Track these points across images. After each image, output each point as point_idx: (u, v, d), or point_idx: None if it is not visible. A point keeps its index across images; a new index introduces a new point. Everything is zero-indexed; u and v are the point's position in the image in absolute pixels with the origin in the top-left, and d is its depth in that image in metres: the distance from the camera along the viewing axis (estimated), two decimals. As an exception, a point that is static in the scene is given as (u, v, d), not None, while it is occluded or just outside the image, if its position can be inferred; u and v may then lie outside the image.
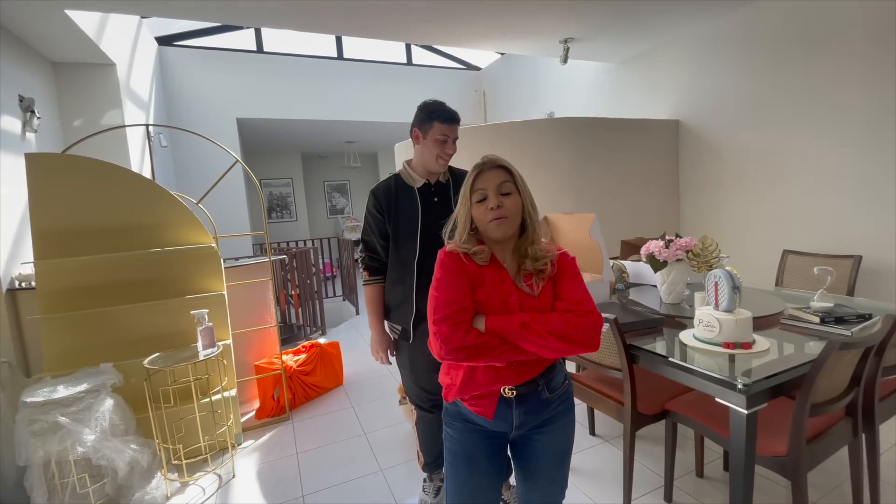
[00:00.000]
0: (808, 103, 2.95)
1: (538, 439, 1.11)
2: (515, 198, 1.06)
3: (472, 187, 1.07)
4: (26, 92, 2.98)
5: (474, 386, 1.06)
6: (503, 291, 1.05)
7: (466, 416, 1.10)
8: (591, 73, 4.80)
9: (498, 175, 1.06)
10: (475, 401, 1.07)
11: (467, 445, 1.11)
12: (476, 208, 1.07)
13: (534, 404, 1.08)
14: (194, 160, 5.29)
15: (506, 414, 1.07)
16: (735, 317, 1.45)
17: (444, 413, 1.16)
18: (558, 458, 1.14)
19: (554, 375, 1.10)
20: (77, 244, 2.28)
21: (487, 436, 1.10)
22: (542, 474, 1.14)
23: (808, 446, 1.40)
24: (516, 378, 1.05)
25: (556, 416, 1.11)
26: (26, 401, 1.84)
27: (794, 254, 2.77)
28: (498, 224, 1.04)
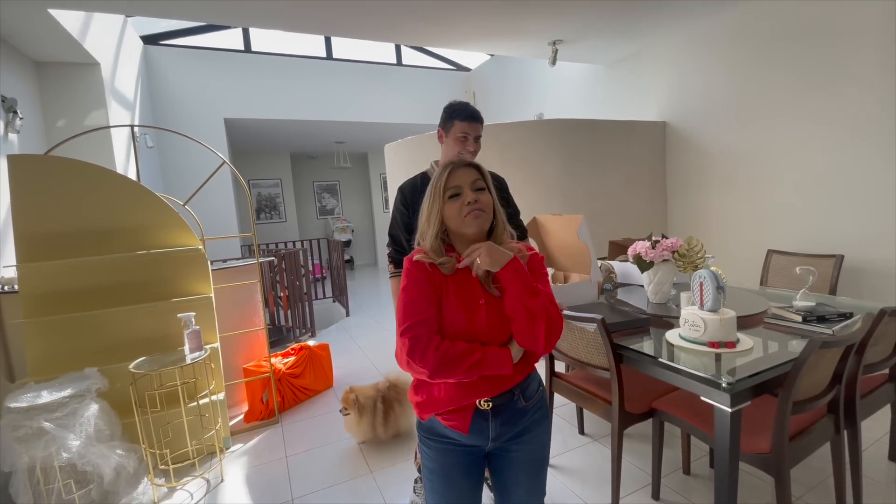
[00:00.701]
0: (792, 104, 3.00)
1: (515, 450, 1.09)
2: (487, 195, 1.06)
3: (444, 185, 1.04)
4: (8, 92, 2.94)
5: (448, 401, 1.03)
6: (470, 297, 1.03)
7: (441, 433, 1.07)
8: (580, 75, 4.84)
9: (470, 173, 1.05)
10: (449, 415, 1.04)
11: (443, 463, 1.08)
12: (449, 205, 1.04)
13: (510, 415, 1.06)
14: (181, 161, 5.23)
15: (482, 427, 1.04)
16: (720, 316, 1.48)
17: (419, 429, 1.13)
18: (536, 467, 1.12)
19: (529, 383, 1.09)
20: (61, 247, 2.24)
21: (463, 452, 1.08)
22: (519, 485, 1.11)
23: (791, 443, 1.43)
24: (492, 390, 1.02)
25: (532, 425, 1.09)
26: (10, 406, 1.80)
27: (778, 253, 2.82)
28: (475, 217, 1.02)
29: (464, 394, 1.01)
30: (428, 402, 1.05)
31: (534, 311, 0.97)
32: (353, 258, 10.01)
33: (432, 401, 1.04)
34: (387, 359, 3.77)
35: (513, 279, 1.00)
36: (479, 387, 1.01)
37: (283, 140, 7.60)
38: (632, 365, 1.63)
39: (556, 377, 2.08)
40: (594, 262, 2.20)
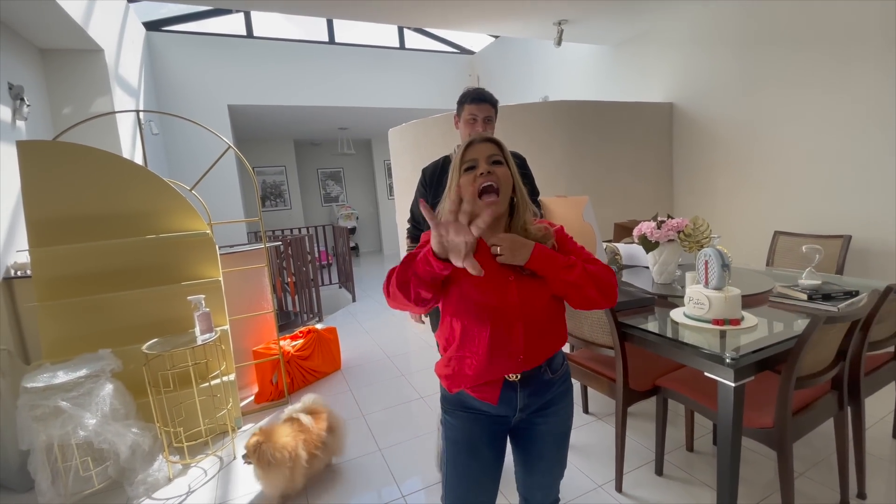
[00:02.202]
0: (800, 85, 2.96)
1: (540, 423, 1.09)
2: (505, 169, 1.02)
3: (462, 157, 1.02)
4: (15, 79, 2.94)
5: (477, 376, 1.02)
6: (498, 274, 1.00)
7: (468, 404, 1.07)
8: (586, 56, 4.77)
9: (488, 147, 1.03)
10: (479, 388, 1.04)
11: (469, 433, 1.08)
12: (464, 178, 1.01)
13: (537, 386, 1.06)
14: (186, 148, 5.24)
15: (510, 397, 1.04)
16: (724, 294, 1.48)
17: (444, 401, 1.12)
18: (560, 440, 1.13)
19: (555, 357, 1.09)
20: (72, 231, 2.27)
21: (491, 421, 1.08)
22: (543, 458, 1.12)
23: (794, 418, 1.44)
24: (524, 366, 1.02)
25: (557, 398, 1.10)
26: (27, 386, 1.85)
27: (785, 235, 2.81)
28: (487, 203, 0.97)
29: (496, 369, 1.01)
30: (457, 376, 1.04)
31: (577, 283, 0.98)
32: (358, 245, 10.04)
33: (462, 376, 1.04)
34: (393, 342, 3.81)
35: (543, 266, 0.98)
36: (513, 365, 1.01)
37: (287, 127, 7.58)
38: (636, 343, 1.65)
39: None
40: (599, 244, 2.20)
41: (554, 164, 3.49)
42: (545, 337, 1.04)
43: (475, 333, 1.00)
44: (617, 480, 1.81)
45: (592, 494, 1.80)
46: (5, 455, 2.06)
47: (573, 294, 1.00)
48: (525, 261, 0.98)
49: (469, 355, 1.02)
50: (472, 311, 1.00)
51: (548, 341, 1.05)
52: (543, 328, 1.03)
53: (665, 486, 1.82)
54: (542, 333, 1.03)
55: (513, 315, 0.99)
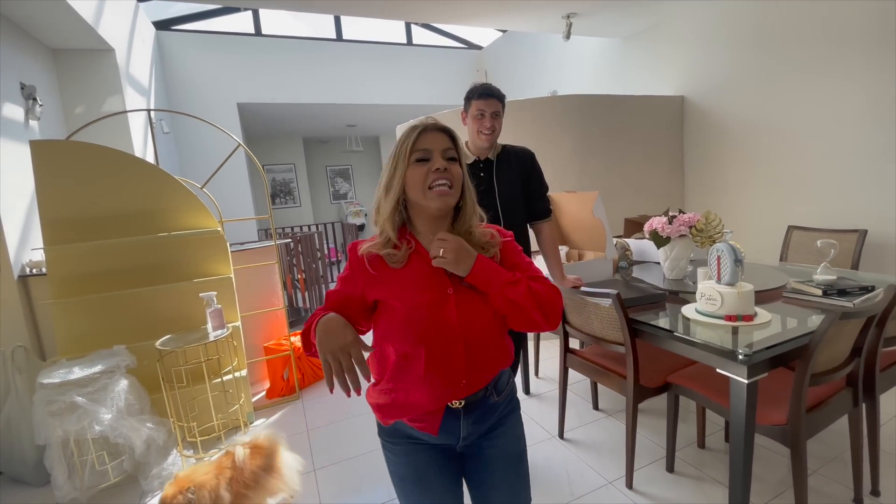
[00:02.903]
0: (815, 76, 2.90)
1: (489, 446, 0.99)
2: (458, 168, 0.93)
3: (412, 146, 0.90)
4: (27, 79, 2.98)
5: (417, 406, 0.92)
6: (434, 288, 0.90)
7: (407, 433, 0.96)
8: (595, 50, 4.72)
9: (443, 139, 0.92)
10: (417, 419, 0.94)
11: (414, 466, 0.97)
12: (415, 169, 0.90)
13: (482, 411, 0.96)
14: (196, 146, 5.29)
15: (452, 426, 0.94)
16: (737, 290, 1.47)
17: (381, 434, 1.01)
18: (515, 462, 1.02)
19: (500, 376, 1.00)
20: (85, 230, 2.30)
21: (434, 450, 0.98)
22: (500, 486, 1.00)
23: (808, 415, 1.42)
24: (467, 390, 0.92)
25: (503, 419, 1.00)
26: (43, 382, 1.89)
27: (799, 229, 2.77)
28: (440, 193, 0.89)
29: (436, 397, 0.91)
30: (392, 407, 0.94)
31: (519, 301, 0.89)
32: (365, 240, 10.07)
33: (397, 406, 0.93)
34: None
35: (486, 280, 0.89)
36: (455, 390, 0.92)
37: (296, 125, 7.61)
38: (647, 340, 1.63)
39: (571, 353, 2.09)
40: (609, 239, 2.19)
41: (563, 159, 3.46)
42: (489, 356, 0.95)
43: (411, 358, 0.90)
44: (627, 477, 1.80)
45: (602, 491, 1.80)
46: (22, 450, 2.10)
47: (514, 314, 0.91)
48: (466, 272, 0.88)
49: (405, 385, 0.92)
50: (405, 331, 0.90)
51: (492, 361, 0.95)
52: (487, 347, 0.94)
53: (676, 482, 1.81)
54: (486, 352, 0.94)
55: (452, 334, 0.89)
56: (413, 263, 0.92)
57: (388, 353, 0.93)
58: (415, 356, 0.90)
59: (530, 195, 1.82)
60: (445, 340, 0.89)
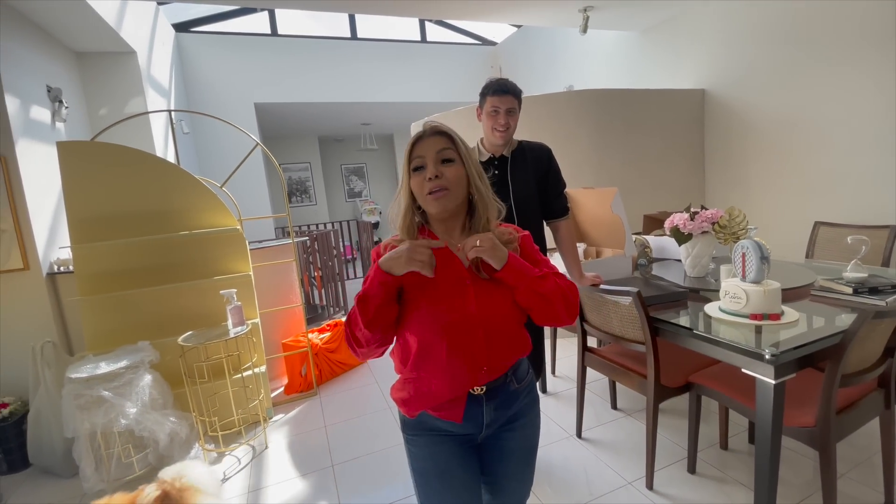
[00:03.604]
0: (842, 67, 2.80)
1: (508, 438, 1.02)
2: (458, 167, 0.93)
3: (409, 156, 0.93)
4: (53, 82, 3.06)
5: (439, 394, 0.94)
6: (453, 279, 0.93)
7: (431, 426, 0.98)
8: (612, 44, 4.64)
9: (437, 142, 0.92)
10: (441, 407, 0.96)
11: (437, 459, 0.98)
12: (415, 178, 0.92)
13: (504, 398, 0.99)
14: (214, 146, 5.37)
15: (475, 413, 0.97)
16: (763, 288, 1.43)
17: (404, 428, 1.03)
18: (527, 456, 1.06)
19: (520, 364, 1.03)
20: (110, 228, 2.36)
21: (457, 442, 0.99)
22: (511, 476, 1.04)
23: (838, 417, 1.38)
24: (488, 376, 0.95)
25: (525, 410, 1.03)
26: (71, 377, 1.94)
27: (826, 225, 2.68)
28: (436, 198, 0.90)
29: (459, 384, 0.94)
30: (416, 398, 0.96)
31: (548, 295, 0.92)
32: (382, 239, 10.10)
33: (421, 395, 0.95)
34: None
35: (518, 273, 0.92)
36: (476, 377, 0.94)
37: (312, 124, 7.68)
38: (669, 338, 1.61)
39: (589, 352, 2.07)
40: (629, 236, 2.16)
41: (580, 154, 3.42)
42: (508, 344, 0.97)
43: (433, 346, 0.92)
44: (647, 477, 1.77)
45: (622, 491, 1.78)
46: (51, 442, 2.16)
47: (542, 307, 0.93)
48: (501, 264, 0.90)
49: (428, 373, 0.94)
50: (428, 321, 0.92)
51: (511, 348, 0.98)
52: (506, 335, 0.97)
53: (698, 484, 1.78)
54: (505, 340, 0.97)
55: (472, 322, 0.92)
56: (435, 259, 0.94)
57: (410, 344, 0.95)
58: (437, 344, 0.92)
59: (547, 192, 1.80)
60: (466, 329, 0.92)
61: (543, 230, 1.82)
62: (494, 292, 0.94)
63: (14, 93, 2.52)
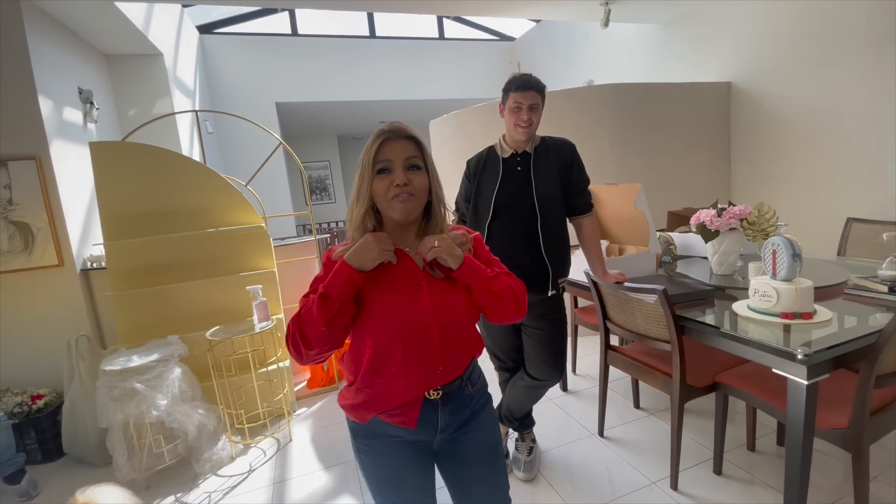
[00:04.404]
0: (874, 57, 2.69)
1: (464, 440, 1.01)
2: (423, 175, 0.93)
3: (374, 157, 0.91)
4: (84, 84, 3.16)
5: (395, 397, 0.92)
6: (407, 281, 0.94)
7: (382, 431, 0.96)
8: (633, 37, 4.56)
9: (406, 147, 0.92)
10: (396, 411, 0.94)
11: (392, 465, 0.98)
12: (378, 181, 0.91)
13: (458, 403, 0.98)
14: (237, 145, 5.48)
15: (430, 419, 0.96)
16: (795, 286, 1.39)
17: (355, 437, 1.00)
18: (490, 453, 1.04)
19: (473, 368, 1.03)
20: (141, 226, 2.44)
21: (412, 448, 0.98)
22: (477, 478, 1.03)
23: (872, 419, 1.34)
24: (444, 378, 0.95)
25: (478, 411, 1.03)
26: (105, 369, 2.01)
27: (859, 221, 2.59)
28: (401, 202, 0.90)
29: (414, 386, 0.93)
30: (369, 402, 0.93)
31: (500, 293, 0.96)
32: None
33: (374, 398, 0.93)
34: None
35: (473, 273, 0.95)
36: (432, 378, 0.94)
37: (331, 122, 7.75)
38: (695, 337, 1.58)
39: (612, 350, 2.05)
40: (653, 232, 2.13)
41: (602, 150, 3.38)
42: (463, 342, 0.98)
43: (389, 348, 0.91)
44: (672, 478, 1.75)
45: (645, 491, 1.76)
46: (85, 433, 2.24)
47: (494, 305, 0.97)
48: (458, 263, 0.93)
49: (383, 377, 0.92)
50: (384, 325, 0.91)
51: (466, 347, 0.99)
52: (460, 334, 0.97)
53: (724, 485, 1.75)
54: (460, 339, 0.97)
55: (428, 322, 0.92)
56: (386, 263, 0.93)
57: (363, 350, 0.93)
58: (392, 346, 0.91)
59: (570, 189, 1.78)
60: (422, 329, 0.92)
61: (566, 227, 1.80)
62: (449, 292, 0.95)
63: (47, 95, 2.61)
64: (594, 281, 1.90)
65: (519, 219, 1.68)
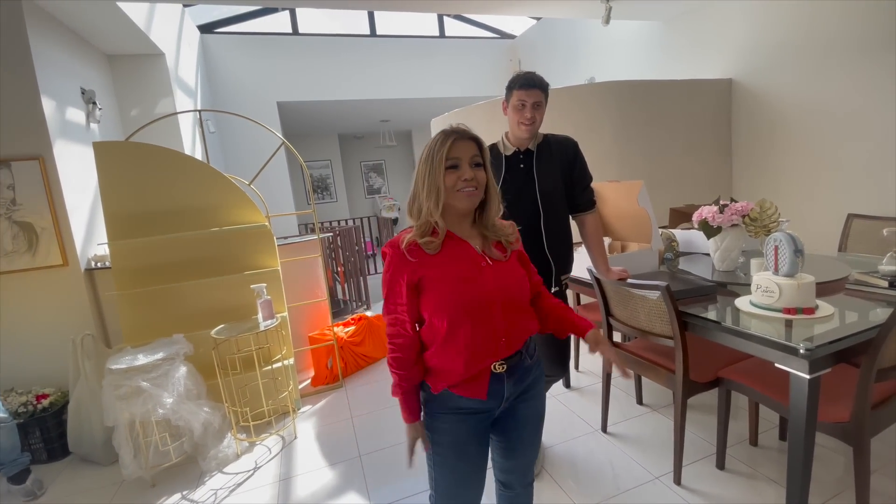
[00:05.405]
0: (877, 54, 2.70)
1: (523, 408, 1.13)
2: (483, 172, 1.05)
3: (446, 154, 1.01)
4: (87, 84, 3.17)
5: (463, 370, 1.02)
6: (469, 263, 1.04)
7: (456, 405, 1.06)
8: (635, 34, 4.56)
9: (471, 147, 1.04)
10: (465, 385, 1.04)
11: (457, 435, 1.08)
12: (448, 175, 1.01)
13: (521, 373, 1.09)
14: (239, 144, 5.48)
15: (497, 389, 1.06)
16: (797, 281, 1.40)
17: (427, 404, 1.10)
18: (538, 421, 1.20)
19: (530, 341, 1.14)
20: (145, 225, 2.45)
21: (477, 419, 1.08)
22: (524, 441, 1.16)
23: (873, 412, 1.35)
24: (507, 350, 1.05)
25: (535, 381, 1.15)
26: (111, 368, 2.03)
27: (860, 217, 2.60)
28: (468, 195, 1.02)
29: (482, 357, 1.03)
30: (443, 372, 1.04)
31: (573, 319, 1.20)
32: (394, 236, 10.20)
33: (445, 371, 1.04)
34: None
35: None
36: (496, 349, 1.04)
37: (332, 121, 7.75)
38: (698, 333, 1.59)
39: (615, 347, 2.06)
40: (655, 229, 2.14)
41: (603, 147, 3.38)
42: (522, 316, 1.09)
43: (458, 325, 1.01)
44: (675, 473, 1.77)
45: (649, 486, 1.77)
46: (91, 431, 2.25)
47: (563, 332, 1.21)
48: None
49: (454, 350, 1.02)
50: (453, 303, 1.00)
51: (525, 320, 1.10)
52: (520, 308, 1.09)
53: (727, 480, 1.76)
54: (519, 312, 1.08)
55: (491, 298, 1.02)
56: (448, 248, 1.05)
57: (437, 326, 1.03)
58: (461, 321, 1.01)
59: (573, 186, 1.79)
60: (487, 303, 1.02)
61: (569, 224, 1.81)
62: (507, 271, 1.07)
63: (50, 95, 2.61)
64: (597, 277, 1.91)
65: (522, 215, 1.68)
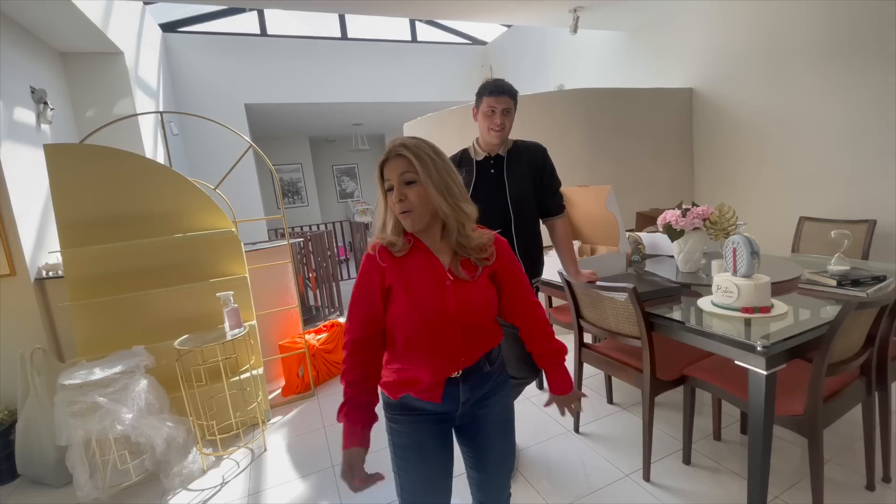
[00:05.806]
0: (826, 65, 2.88)
1: (483, 414, 1.12)
2: (419, 187, 0.98)
3: (381, 179, 1.02)
4: (37, 83, 3.01)
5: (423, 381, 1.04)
6: (434, 277, 1.02)
7: (412, 406, 1.08)
8: (602, 43, 4.70)
9: (399, 164, 0.98)
10: (423, 391, 1.05)
11: (417, 435, 1.08)
12: (389, 199, 1.02)
13: (477, 379, 1.09)
14: (204, 148, 5.31)
15: (452, 393, 1.06)
16: (754, 282, 1.47)
17: (387, 408, 1.11)
18: (505, 428, 1.17)
19: (492, 350, 1.13)
20: (101, 232, 2.33)
21: (435, 420, 1.09)
22: (492, 450, 1.15)
23: (825, 405, 1.43)
24: (465, 363, 1.05)
25: (496, 388, 1.14)
26: (64, 383, 1.92)
27: (810, 220, 2.76)
28: (403, 218, 1.00)
29: (438, 374, 1.03)
30: (399, 383, 1.05)
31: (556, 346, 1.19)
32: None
33: (405, 382, 1.05)
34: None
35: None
36: (454, 367, 1.04)
37: (302, 124, 7.63)
38: (664, 333, 1.64)
39: (585, 348, 2.10)
40: (623, 233, 2.20)
41: (572, 153, 3.46)
42: (483, 337, 1.08)
43: (417, 340, 1.01)
44: (644, 469, 1.81)
45: (620, 483, 1.81)
46: (41, 451, 2.12)
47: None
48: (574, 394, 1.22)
49: (411, 364, 1.04)
50: (412, 319, 1.00)
51: (485, 341, 1.09)
52: (481, 330, 1.07)
53: (693, 474, 1.82)
54: (480, 335, 1.07)
55: (451, 320, 1.01)
56: (416, 259, 1.03)
57: (395, 339, 1.04)
58: (420, 339, 1.01)
59: (543, 191, 1.82)
60: (445, 325, 1.01)
61: (539, 228, 1.84)
62: (471, 291, 1.04)
63: (-4, 94, 2.47)
64: (567, 280, 1.94)
65: (493, 220, 1.70)
